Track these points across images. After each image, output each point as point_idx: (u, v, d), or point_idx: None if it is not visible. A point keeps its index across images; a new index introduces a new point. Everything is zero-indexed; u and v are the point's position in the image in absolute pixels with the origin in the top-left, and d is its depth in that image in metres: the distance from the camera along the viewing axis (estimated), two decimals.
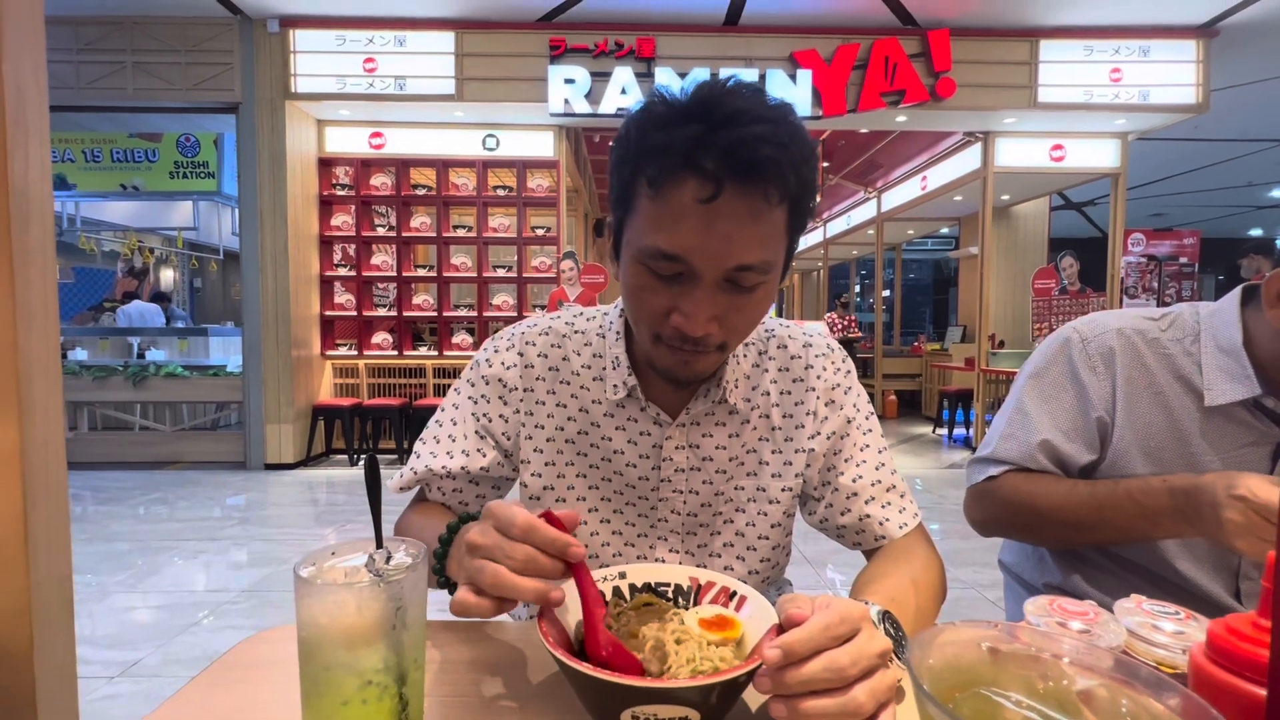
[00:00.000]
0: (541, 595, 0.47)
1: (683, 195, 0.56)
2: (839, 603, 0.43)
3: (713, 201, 0.54)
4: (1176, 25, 4.65)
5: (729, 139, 0.54)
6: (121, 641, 2.16)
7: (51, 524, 0.36)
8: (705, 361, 0.64)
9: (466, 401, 0.77)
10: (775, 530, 0.76)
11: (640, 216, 0.59)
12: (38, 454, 0.34)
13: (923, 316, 19.03)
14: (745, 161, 0.54)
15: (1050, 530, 0.85)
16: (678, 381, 0.67)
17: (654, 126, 0.57)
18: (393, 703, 0.41)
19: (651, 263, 0.59)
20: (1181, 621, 0.50)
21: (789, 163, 0.55)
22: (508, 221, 5.33)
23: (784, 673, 0.39)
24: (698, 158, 0.54)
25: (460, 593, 0.49)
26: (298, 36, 4.69)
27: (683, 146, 0.55)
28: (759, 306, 0.62)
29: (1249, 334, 0.79)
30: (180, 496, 4.11)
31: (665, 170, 0.56)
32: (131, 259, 6.80)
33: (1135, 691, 0.32)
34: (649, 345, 0.65)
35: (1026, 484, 0.86)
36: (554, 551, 0.48)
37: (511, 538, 0.48)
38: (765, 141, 0.54)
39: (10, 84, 0.33)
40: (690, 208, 0.55)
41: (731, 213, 0.55)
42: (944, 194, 6.45)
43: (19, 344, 0.34)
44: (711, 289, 0.58)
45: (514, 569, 0.47)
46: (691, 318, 0.59)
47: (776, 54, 4.72)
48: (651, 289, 0.61)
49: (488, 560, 0.48)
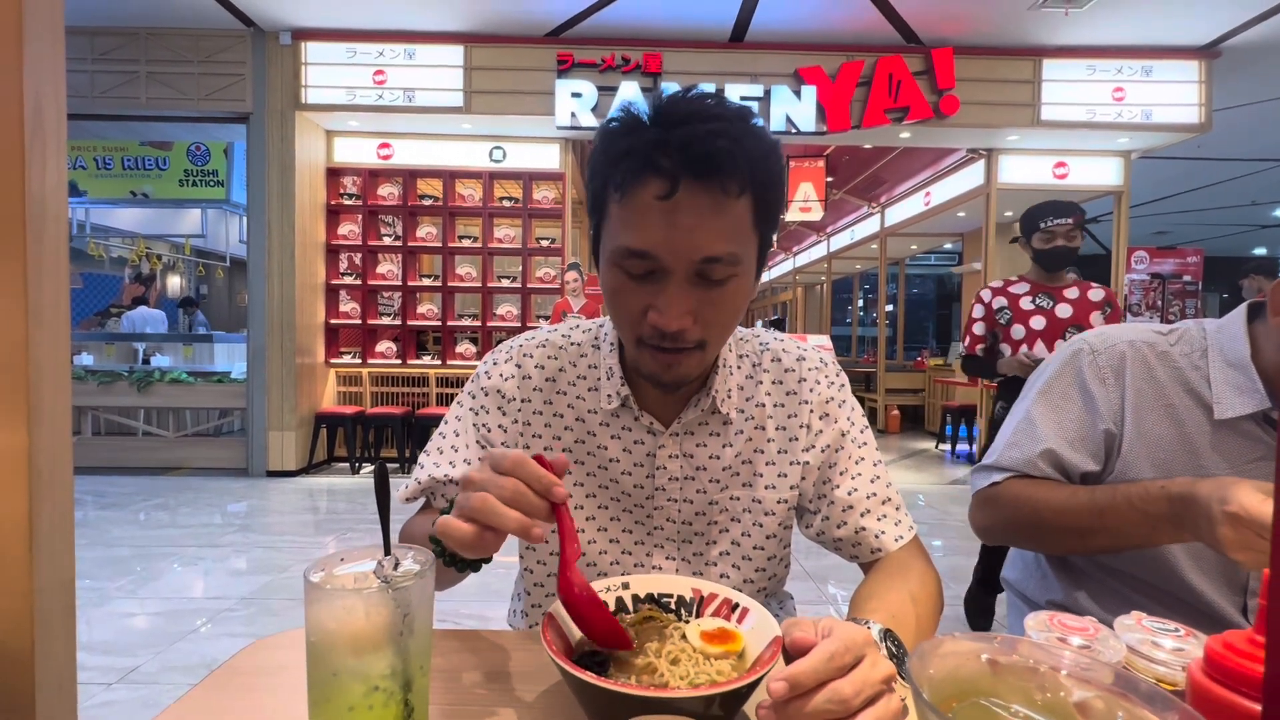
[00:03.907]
0: (524, 527, 0.48)
1: (645, 195, 0.59)
2: (842, 629, 0.43)
3: (672, 197, 0.58)
4: (1179, 46, 4.69)
5: (683, 137, 0.57)
6: (120, 648, 2.15)
7: (56, 529, 0.36)
8: (688, 363, 0.65)
9: (468, 413, 0.79)
10: (771, 541, 0.76)
11: (611, 221, 0.63)
12: (45, 458, 0.34)
13: (926, 331, 19.03)
14: (699, 156, 0.57)
15: (1051, 535, 0.85)
16: (663, 385, 0.67)
17: (617, 136, 0.62)
18: (398, 709, 0.42)
19: (624, 263, 0.62)
20: (1181, 638, 0.51)
21: (744, 156, 0.58)
22: (513, 232, 5.37)
23: (789, 705, 0.40)
24: (655, 158, 0.58)
25: (446, 518, 0.50)
26: (309, 49, 4.75)
27: (642, 149, 0.59)
28: (733, 302, 0.64)
29: (1256, 347, 0.80)
30: (182, 502, 4.11)
31: (628, 174, 0.60)
32: (139, 265, 6.85)
33: (1132, 704, 0.33)
34: (633, 350, 0.67)
35: (1028, 489, 0.86)
36: (540, 488, 0.50)
37: (502, 470, 0.50)
38: (718, 136, 0.57)
39: (30, 95, 0.34)
40: (652, 205, 0.59)
41: (692, 207, 0.58)
42: (947, 210, 6.47)
43: (30, 349, 0.34)
44: (682, 284, 0.61)
45: (502, 499, 0.49)
46: (665, 312, 0.61)
47: (781, 70, 4.77)
48: (627, 290, 0.63)
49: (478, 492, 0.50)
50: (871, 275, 11.40)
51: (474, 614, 2.44)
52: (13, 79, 0.34)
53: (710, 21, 4.53)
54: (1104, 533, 0.79)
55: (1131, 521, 0.76)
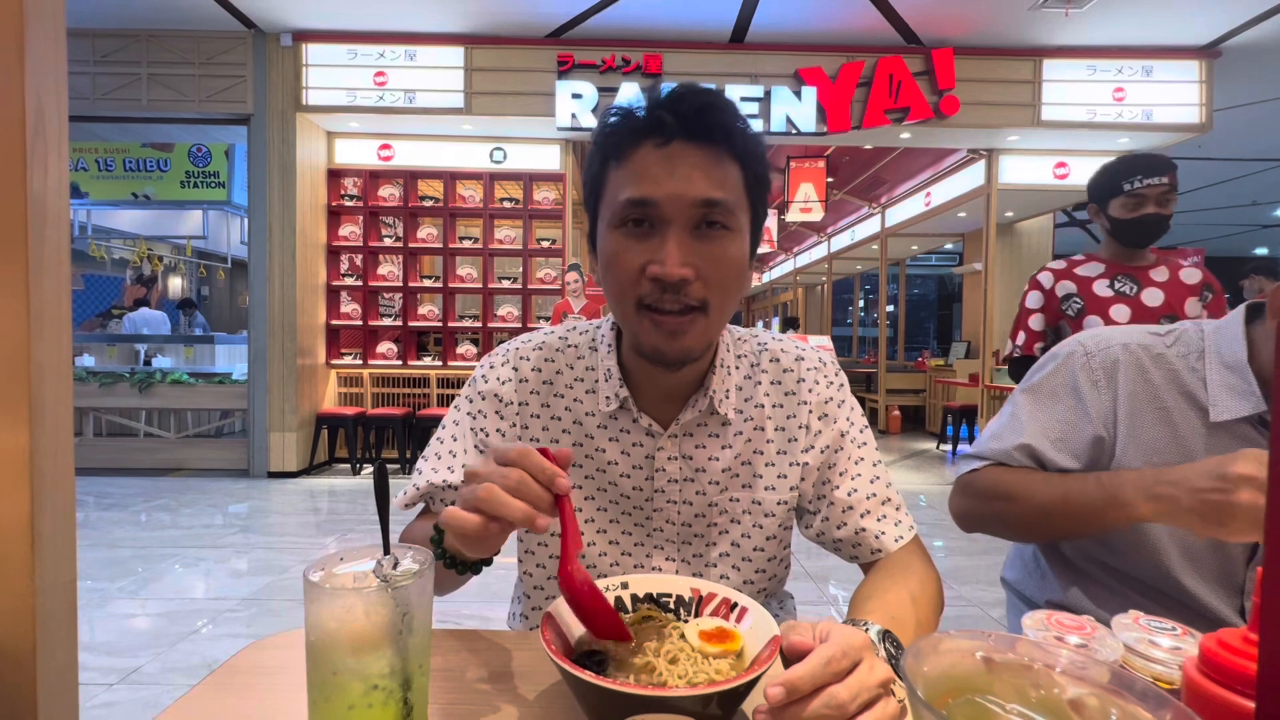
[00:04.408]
0: (529, 517, 0.48)
1: (643, 150, 0.63)
2: (840, 633, 0.43)
3: (668, 145, 0.62)
4: (1179, 46, 4.69)
5: (676, 102, 0.62)
6: (121, 648, 2.16)
7: (58, 530, 0.36)
8: (692, 331, 0.65)
9: (465, 417, 0.78)
10: (771, 543, 0.76)
11: (609, 189, 0.66)
12: (47, 460, 0.35)
13: (927, 332, 19.02)
14: (692, 115, 0.62)
15: (1022, 519, 0.86)
16: (666, 361, 0.67)
17: (616, 122, 0.66)
18: (398, 707, 0.42)
19: (625, 214, 0.63)
20: (1178, 637, 0.51)
21: (737, 131, 0.63)
22: (513, 233, 5.37)
23: (785, 711, 0.40)
24: (652, 122, 0.63)
25: (451, 508, 0.50)
26: (310, 50, 4.76)
27: (641, 122, 0.63)
28: (733, 263, 0.65)
29: (1254, 350, 0.79)
30: (183, 504, 4.12)
31: (625, 141, 0.64)
32: (140, 267, 6.86)
33: (1126, 702, 0.33)
34: (633, 321, 0.66)
35: (1003, 475, 0.88)
36: (543, 479, 0.50)
37: (506, 461, 0.50)
38: (714, 108, 0.62)
39: (31, 98, 0.34)
40: (651, 156, 0.63)
41: (687, 158, 0.62)
42: (948, 210, 6.47)
43: (32, 351, 0.34)
44: (682, 234, 0.63)
45: (506, 488, 0.49)
46: (666, 262, 0.61)
47: (782, 71, 4.78)
48: (627, 249, 0.64)
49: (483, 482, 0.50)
50: (872, 276, 11.41)
51: (475, 614, 2.44)
52: (14, 81, 0.34)
53: (710, 22, 4.54)
54: (1069, 514, 0.79)
55: (1099, 500, 0.75)
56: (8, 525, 0.34)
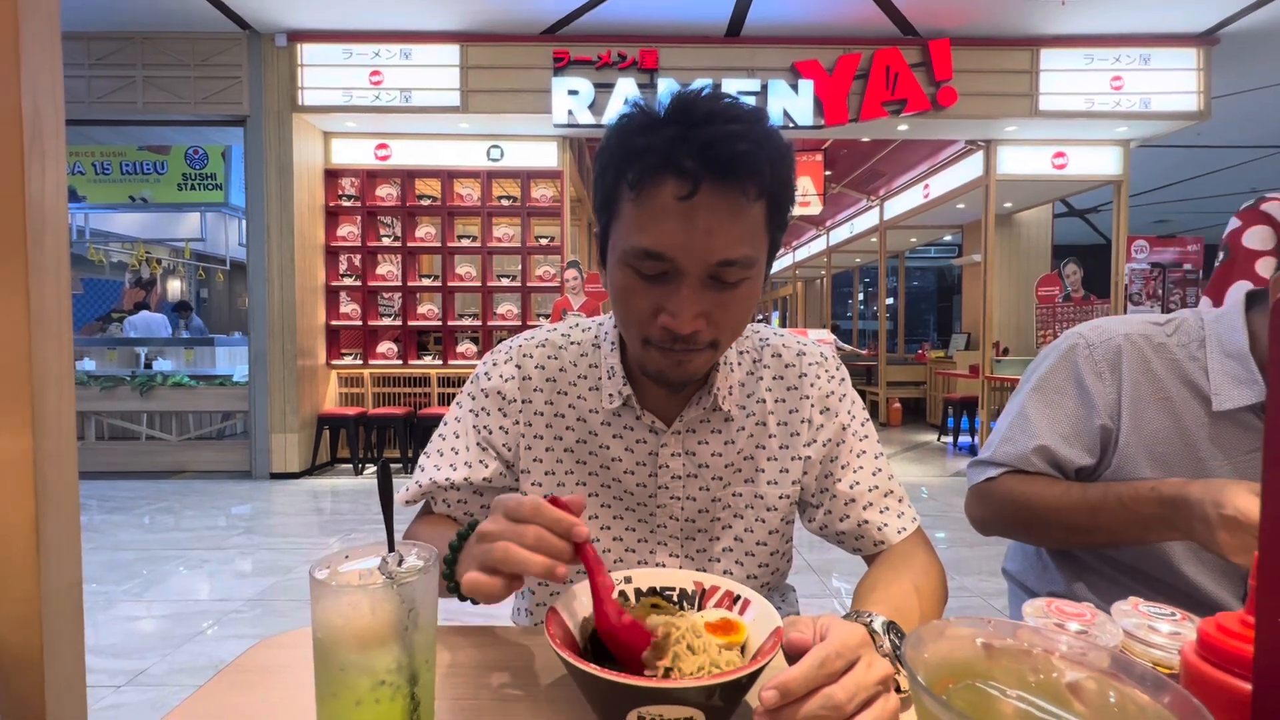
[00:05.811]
0: (549, 569, 0.48)
1: (663, 194, 0.58)
2: (838, 630, 0.43)
3: (692, 198, 0.56)
4: (1177, 34, 4.67)
5: (705, 137, 0.56)
6: (127, 650, 2.17)
7: (62, 533, 0.36)
8: (698, 361, 0.65)
9: (468, 415, 0.78)
10: (774, 537, 0.77)
11: (624, 219, 0.61)
12: (50, 464, 0.35)
13: (927, 324, 19.00)
14: (722, 158, 0.56)
15: (1045, 531, 0.86)
16: (670, 384, 0.67)
17: (634, 132, 0.59)
18: (405, 703, 0.42)
19: (636, 263, 0.60)
20: (1178, 623, 0.51)
21: (765, 159, 0.58)
22: (512, 231, 5.37)
23: (781, 713, 0.40)
24: (676, 157, 0.56)
25: (471, 573, 0.50)
26: (305, 50, 4.75)
27: (662, 147, 0.57)
28: (744, 303, 0.64)
29: (1255, 337, 0.78)
30: (186, 506, 4.13)
31: (645, 171, 0.58)
32: (139, 270, 6.86)
33: (1124, 685, 0.33)
34: (639, 349, 0.66)
35: (1022, 485, 0.87)
36: (560, 531, 0.49)
37: (520, 518, 0.50)
38: (740, 139, 0.56)
39: (28, 103, 0.34)
40: (671, 206, 0.57)
41: (711, 209, 0.57)
42: (946, 202, 6.46)
43: (34, 356, 0.34)
44: (696, 286, 0.60)
45: (524, 546, 0.48)
46: (678, 315, 0.60)
47: (778, 64, 4.76)
48: (638, 290, 0.62)
49: (499, 541, 0.50)
50: (871, 268, 11.39)
51: (480, 611, 2.45)
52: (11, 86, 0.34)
53: (706, 16, 4.52)
54: (1098, 531, 0.79)
55: (1123, 521, 0.76)
56: (13, 530, 0.34)
